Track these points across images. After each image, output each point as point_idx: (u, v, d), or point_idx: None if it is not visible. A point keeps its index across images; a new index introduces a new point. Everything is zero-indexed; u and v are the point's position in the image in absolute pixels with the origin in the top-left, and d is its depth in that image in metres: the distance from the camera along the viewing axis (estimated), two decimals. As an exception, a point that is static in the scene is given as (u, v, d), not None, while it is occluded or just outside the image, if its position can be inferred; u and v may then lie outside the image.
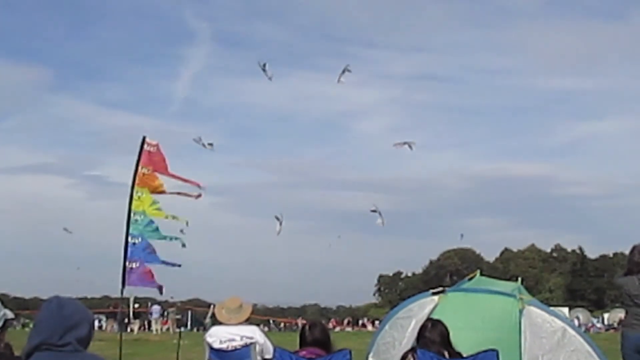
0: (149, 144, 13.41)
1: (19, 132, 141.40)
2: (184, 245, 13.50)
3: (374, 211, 22.69)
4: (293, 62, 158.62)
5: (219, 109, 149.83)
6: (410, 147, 20.58)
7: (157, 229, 13.32)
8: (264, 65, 19.34)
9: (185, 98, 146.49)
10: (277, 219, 21.01)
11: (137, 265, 13.11)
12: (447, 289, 9.94)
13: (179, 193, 13.83)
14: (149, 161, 13.35)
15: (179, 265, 13.56)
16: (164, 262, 13.42)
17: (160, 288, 13.80)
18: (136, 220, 13.10)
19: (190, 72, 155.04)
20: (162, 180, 13.51)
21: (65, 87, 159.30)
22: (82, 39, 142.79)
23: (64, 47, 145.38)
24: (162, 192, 13.49)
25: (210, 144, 17.96)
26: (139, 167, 13.26)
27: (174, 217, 13.51)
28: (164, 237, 13.41)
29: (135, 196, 13.15)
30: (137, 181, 13.20)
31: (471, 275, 10.59)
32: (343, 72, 19.05)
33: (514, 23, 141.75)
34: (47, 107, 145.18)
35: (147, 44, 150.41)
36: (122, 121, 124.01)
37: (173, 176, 13.75)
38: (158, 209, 13.39)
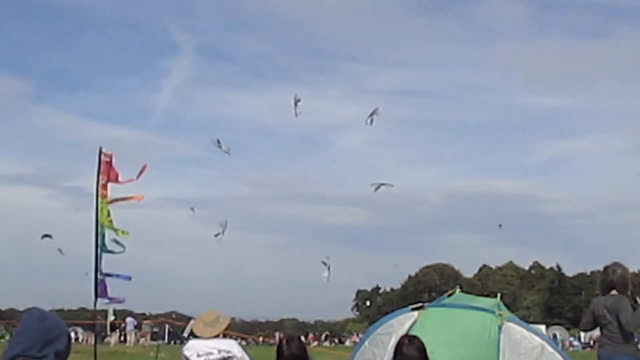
0: (105, 154, 13.35)
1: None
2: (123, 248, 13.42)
3: (324, 263, 22.84)
4: (276, 75, 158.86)
5: (200, 122, 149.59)
6: (387, 187, 20.73)
7: (104, 243, 13.23)
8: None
9: (167, 110, 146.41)
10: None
11: (102, 278, 13.08)
12: (426, 304, 9.95)
13: (123, 199, 13.75)
14: (105, 171, 13.30)
15: (129, 278, 13.52)
16: (110, 275, 13.34)
17: (115, 301, 13.75)
18: (101, 233, 13.06)
19: (172, 84, 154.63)
20: (115, 190, 13.48)
21: (47, 98, 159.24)
22: (65, 49, 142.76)
23: (46, 57, 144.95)
24: (112, 201, 13.41)
25: (228, 149, 18.49)
26: (100, 178, 13.19)
27: (116, 230, 13.39)
28: (108, 251, 13.31)
29: (99, 207, 13.09)
30: (99, 192, 13.15)
31: (451, 291, 10.61)
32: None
33: (496, 40, 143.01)
34: (28, 117, 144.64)
35: (129, 56, 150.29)
36: (103, 132, 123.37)
37: (123, 182, 13.64)
38: (110, 220, 13.31)
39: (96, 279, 12.94)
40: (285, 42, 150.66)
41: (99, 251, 13.01)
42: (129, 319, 45.14)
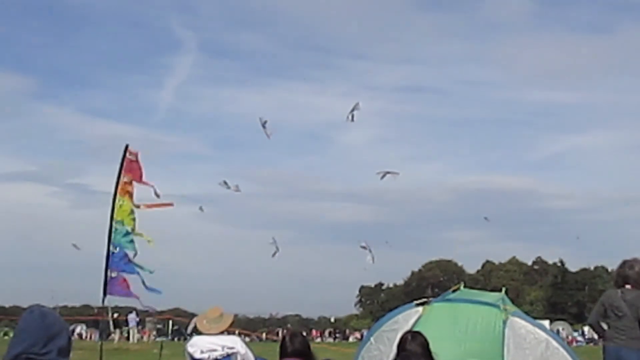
0: (130, 153, 13.36)
1: (2, 139, 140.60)
2: (150, 272, 13.46)
3: (363, 247, 22.81)
4: (278, 72, 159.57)
5: (203, 119, 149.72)
6: (393, 175, 20.71)
7: (132, 241, 13.24)
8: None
9: (170, 107, 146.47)
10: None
11: (116, 275, 13.05)
12: (431, 299, 9.93)
13: (151, 205, 13.84)
14: (130, 170, 13.30)
15: (159, 292, 13.58)
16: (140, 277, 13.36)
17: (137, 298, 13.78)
18: (116, 229, 13.03)
19: (175, 82, 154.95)
20: (136, 190, 13.49)
21: (50, 95, 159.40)
22: (67, 47, 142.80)
23: (48, 55, 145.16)
24: (137, 205, 13.44)
25: (236, 187, 18.55)
26: (122, 176, 13.20)
27: (139, 234, 13.43)
28: (135, 254, 13.33)
29: (117, 204, 13.08)
30: (119, 189, 13.14)
31: (455, 287, 10.57)
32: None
33: (499, 36, 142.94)
34: (31, 115, 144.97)
35: (132, 53, 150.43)
36: (106, 130, 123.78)
37: (147, 184, 13.70)
38: (133, 219, 13.32)
39: (106, 275, 12.94)
40: (288, 38, 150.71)
41: (111, 248, 13.00)
42: (131, 316, 45.17)
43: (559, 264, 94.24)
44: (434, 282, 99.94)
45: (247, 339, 48.15)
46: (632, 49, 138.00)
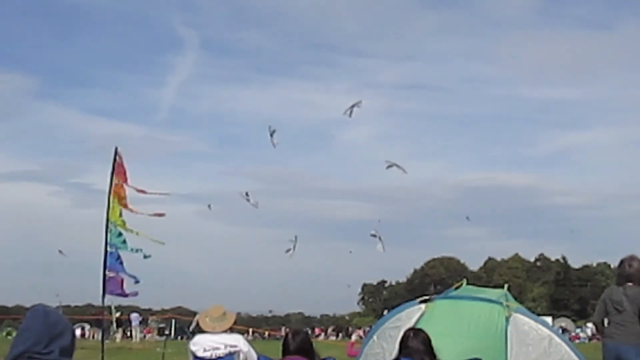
0: (119, 156, 13.40)
1: (3, 139, 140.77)
2: (146, 257, 13.44)
3: (373, 235, 22.86)
4: (280, 70, 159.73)
5: (205, 117, 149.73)
6: (398, 167, 20.70)
7: (124, 241, 13.27)
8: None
9: (172, 106, 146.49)
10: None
11: (113, 275, 13.10)
12: (434, 296, 9.92)
13: (148, 192, 13.92)
14: (118, 172, 13.35)
15: (138, 281, 13.54)
16: (129, 275, 13.38)
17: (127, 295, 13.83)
18: (111, 230, 13.08)
19: (177, 80, 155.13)
20: (125, 193, 13.49)
21: (51, 95, 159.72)
22: (69, 46, 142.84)
23: (50, 54, 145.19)
24: (125, 206, 13.45)
25: (256, 202, 18.81)
26: (113, 177, 13.25)
27: (132, 231, 13.45)
28: (129, 249, 13.34)
29: (110, 205, 13.13)
30: (112, 190, 13.19)
31: (457, 284, 10.57)
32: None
33: (501, 33, 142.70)
34: (33, 114, 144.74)
35: (134, 52, 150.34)
36: (108, 129, 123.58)
37: (136, 190, 13.70)
38: (122, 220, 13.35)
39: (104, 275, 12.97)
40: (289, 36, 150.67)
41: (108, 248, 13.03)
42: (133, 315, 45.31)
43: (561, 261, 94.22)
44: (437, 279, 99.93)
45: (250, 337, 48.18)
46: (634, 44, 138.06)
